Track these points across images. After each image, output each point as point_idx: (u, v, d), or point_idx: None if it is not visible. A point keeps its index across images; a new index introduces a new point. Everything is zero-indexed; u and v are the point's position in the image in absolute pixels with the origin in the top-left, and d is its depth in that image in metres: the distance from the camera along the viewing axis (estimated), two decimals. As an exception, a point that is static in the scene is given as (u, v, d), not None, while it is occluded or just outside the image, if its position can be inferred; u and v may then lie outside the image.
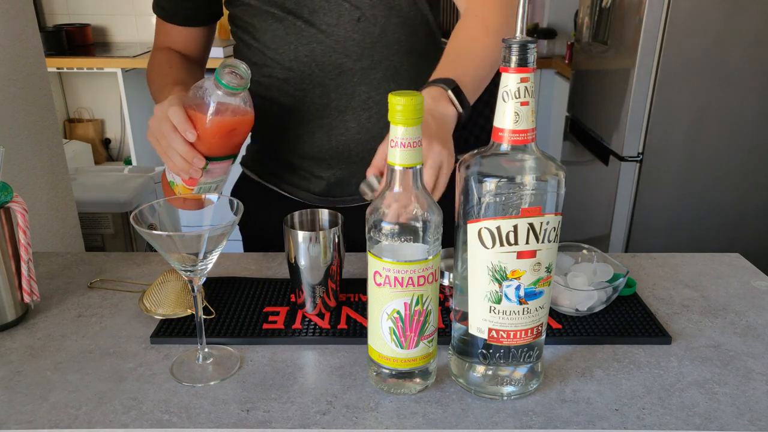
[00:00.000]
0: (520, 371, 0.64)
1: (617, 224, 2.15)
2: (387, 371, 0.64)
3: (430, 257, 0.60)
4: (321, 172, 1.00)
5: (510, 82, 0.56)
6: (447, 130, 0.75)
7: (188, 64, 1.02)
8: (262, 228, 1.03)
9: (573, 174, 2.50)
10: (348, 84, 0.93)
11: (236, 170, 1.12)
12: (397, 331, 0.62)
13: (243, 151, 1.11)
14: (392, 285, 0.60)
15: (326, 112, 0.94)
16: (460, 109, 0.77)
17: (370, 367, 0.66)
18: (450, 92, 0.76)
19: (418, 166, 0.59)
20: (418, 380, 0.65)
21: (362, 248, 0.79)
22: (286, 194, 1.04)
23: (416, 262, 0.59)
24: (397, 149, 0.57)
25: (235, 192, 1.12)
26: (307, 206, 0.98)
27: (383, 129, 0.95)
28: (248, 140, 1.10)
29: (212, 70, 0.80)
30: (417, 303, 0.60)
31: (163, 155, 0.82)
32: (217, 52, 2.79)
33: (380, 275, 0.60)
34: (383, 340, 0.62)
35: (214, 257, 0.65)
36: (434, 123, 0.73)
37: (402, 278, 0.59)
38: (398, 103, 0.56)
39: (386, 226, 0.59)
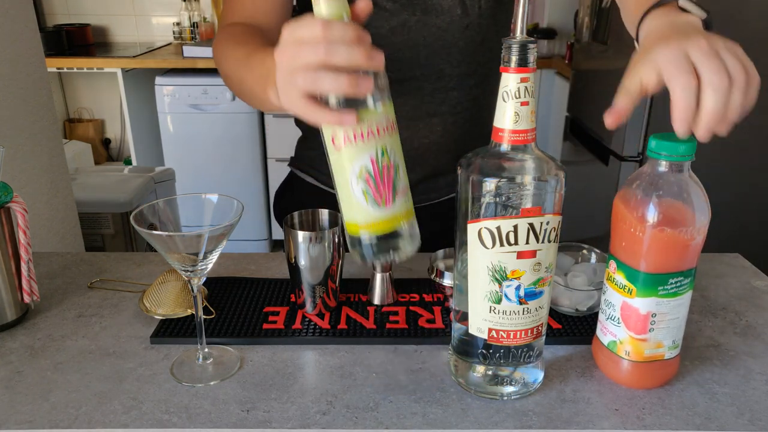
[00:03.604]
0: (520, 371, 0.64)
1: (617, 224, 2.15)
2: (370, 240, 0.59)
3: (382, 109, 0.56)
4: None
5: (510, 82, 0.56)
6: (696, 28, 0.62)
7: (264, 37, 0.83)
8: None
9: (573, 174, 2.50)
10: (444, 89, 0.93)
11: (251, 172, 1.11)
12: (370, 190, 0.57)
13: (292, 152, 1.10)
14: (353, 140, 0.56)
15: (417, 114, 0.94)
16: (703, 15, 0.63)
17: (353, 250, 0.61)
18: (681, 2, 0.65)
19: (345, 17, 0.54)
20: (404, 242, 0.60)
21: (425, 247, 0.77)
22: None
23: (372, 112, 0.55)
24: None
25: (282, 193, 1.11)
26: None
27: (465, 134, 0.96)
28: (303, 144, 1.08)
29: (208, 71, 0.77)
30: (383, 155, 0.57)
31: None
32: (217, 52, 2.78)
33: (338, 138, 0.56)
34: (359, 205, 0.58)
35: (214, 257, 0.65)
36: (678, 28, 0.61)
37: (361, 132, 0.55)
38: None
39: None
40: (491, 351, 0.63)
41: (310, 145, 1.05)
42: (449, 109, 0.94)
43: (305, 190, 1.06)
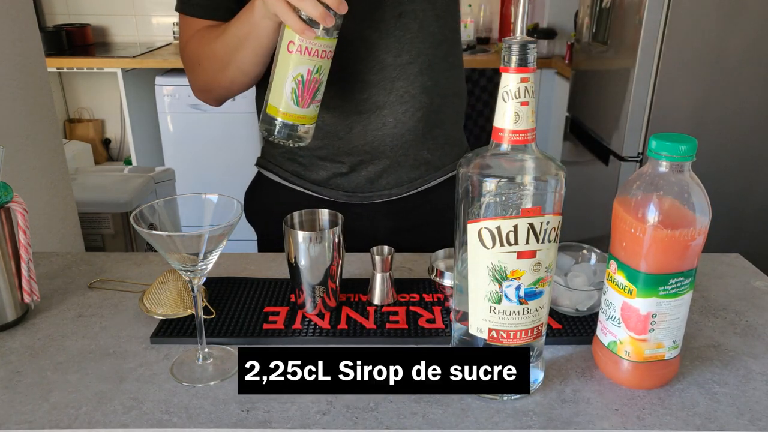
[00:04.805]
0: (520, 371, 0.64)
1: (617, 224, 2.15)
2: (280, 124, 0.78)
3: (329, 40, 0.75)
4: (355, 169, 0.99)
5: (510, 82, 0.56)
6: None
7: None
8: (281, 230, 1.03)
9: (573, 174, 2.49)
10: (388, 79, 0.93)
11: (250, 172, 1.12)
12: (297, 91, 0.76)
13: (259, 152, 1.11)
14: (302, 52, 0.74)
15: (365, 107, 0.94)
16: None
17: (263, 124, 0.79)
18: None
19: None
20: (300, 135, 0.79)
21: (387, 243, 0.79)
22: (312, 194, 1.03)
23: (323, 39, 0.74)
24: None
25: (251, 193, 1.11)
26: (337, 204, 0.98)
27: (418, 123, 0.97)
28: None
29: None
30: (316, 72, 0.75)
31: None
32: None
33: (294, 44, 0.74)
34: (285, 97, 0.76)
35: (214, 257, 0.65)
36: None
37: (311, 48, 0.74)
38: None
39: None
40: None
41: (275, 144, 1.06)
42: (397, 99, 0.94)
43: (271, 188, 1.07)
